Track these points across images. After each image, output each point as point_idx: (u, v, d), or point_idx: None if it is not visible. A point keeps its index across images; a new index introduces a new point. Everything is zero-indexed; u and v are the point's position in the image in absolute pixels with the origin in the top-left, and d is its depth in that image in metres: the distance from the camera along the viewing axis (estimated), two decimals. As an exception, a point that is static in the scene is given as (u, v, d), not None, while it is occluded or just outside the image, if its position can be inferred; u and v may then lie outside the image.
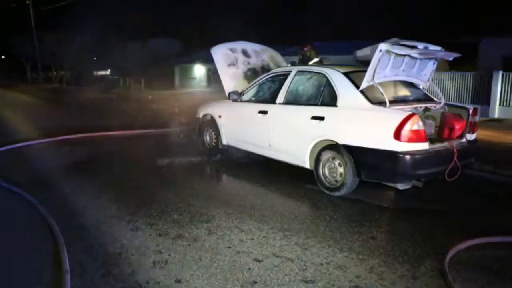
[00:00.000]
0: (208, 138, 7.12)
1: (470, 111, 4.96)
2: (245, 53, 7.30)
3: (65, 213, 4.16)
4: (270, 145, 5.64)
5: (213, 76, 39.44)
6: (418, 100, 5.05)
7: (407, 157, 4.21)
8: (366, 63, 4.73)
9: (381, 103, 4.61)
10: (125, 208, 4.33)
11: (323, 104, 4.98)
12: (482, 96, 14.51)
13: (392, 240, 3.62)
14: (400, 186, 4.53)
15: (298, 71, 5.51)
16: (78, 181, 5.40)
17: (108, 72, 40.47)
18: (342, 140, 4.66)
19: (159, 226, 3.86)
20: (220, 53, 7.08)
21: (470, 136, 4.96)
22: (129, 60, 29.85)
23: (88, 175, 5.68)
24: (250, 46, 7.48)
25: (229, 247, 3.42)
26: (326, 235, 3.70)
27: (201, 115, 7.31)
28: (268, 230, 3.79)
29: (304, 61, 8.58)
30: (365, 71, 5.22)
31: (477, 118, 5.02)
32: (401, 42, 4.57)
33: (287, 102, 5.46)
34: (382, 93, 4.58)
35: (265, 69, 7.36)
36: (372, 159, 4.42)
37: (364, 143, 4.47)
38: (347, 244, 3.53)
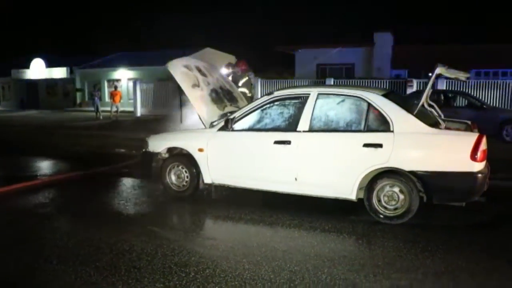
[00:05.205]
0: (174, 178, 5.76)
1: (471, 125, 5.46)
2: (199, 70, 6.24)
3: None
4: (296, 179, 4.95)
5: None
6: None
7: (481, 175, 4.33)
8: None
9: (434, 125, 4.62)
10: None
11: (371, 130, 4.65)
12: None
13: None
14: (464, 204, 4.61)
15: (320, 94, 4.98)
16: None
17: None
18: (407, 167, 4.45)
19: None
20: (179, 72, 5.85)
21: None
22: None
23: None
24: (200, 63, 6.44)
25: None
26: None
27: (160, 149, 5.87)
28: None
29: (236, 79, 7.93)
30: (392, 92, 5.16)
31: (476, 131, 5.56)
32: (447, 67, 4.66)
33: (315, 129, 4.89)
34: (439, 115, 4.58)
35: (224, 90, 6.47)
36: (448, 182, 4.36)
37: (436, 167, 4.37)
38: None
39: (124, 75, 29.61)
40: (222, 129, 5.36)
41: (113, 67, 30.23)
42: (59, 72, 31.71)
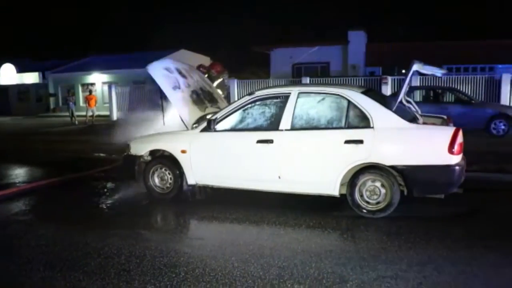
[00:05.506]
0: (158, 180, 5.75)
1: (447, 119, 5.65)
2: (180, 72, 6.26)
3: None
4: (280, 177, 5.02)
5: None
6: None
7: (458, 168, 4.51)
8: None
9: (412, 120, 4.78)
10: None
11: (351, 127, 4.77)
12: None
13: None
14: (443, 196, 4.79)
15: (301, 93, 5.07)
16: None
17: None
18: (388, 162, 4.59)
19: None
20: (159, 74, 5.85)
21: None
22: None
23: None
24: (180, 65, 6.46)
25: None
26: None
27: (142, 152, 5.84)
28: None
29: (211, 80, 7.99)
30: (371, 89, 5.29)
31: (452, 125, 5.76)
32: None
33: (297, 127, 4.97)
34: (416, 111, 4.73)
35: (205, 91, 6.50)
36: (427, 175, 4.52)
37: (415, 161, 4.52)
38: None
39: (98, 79, 29.14)
40: (204, 130, 5.39)
41: (87, 71, 29.71)
42: (31, 77, 30.91)
